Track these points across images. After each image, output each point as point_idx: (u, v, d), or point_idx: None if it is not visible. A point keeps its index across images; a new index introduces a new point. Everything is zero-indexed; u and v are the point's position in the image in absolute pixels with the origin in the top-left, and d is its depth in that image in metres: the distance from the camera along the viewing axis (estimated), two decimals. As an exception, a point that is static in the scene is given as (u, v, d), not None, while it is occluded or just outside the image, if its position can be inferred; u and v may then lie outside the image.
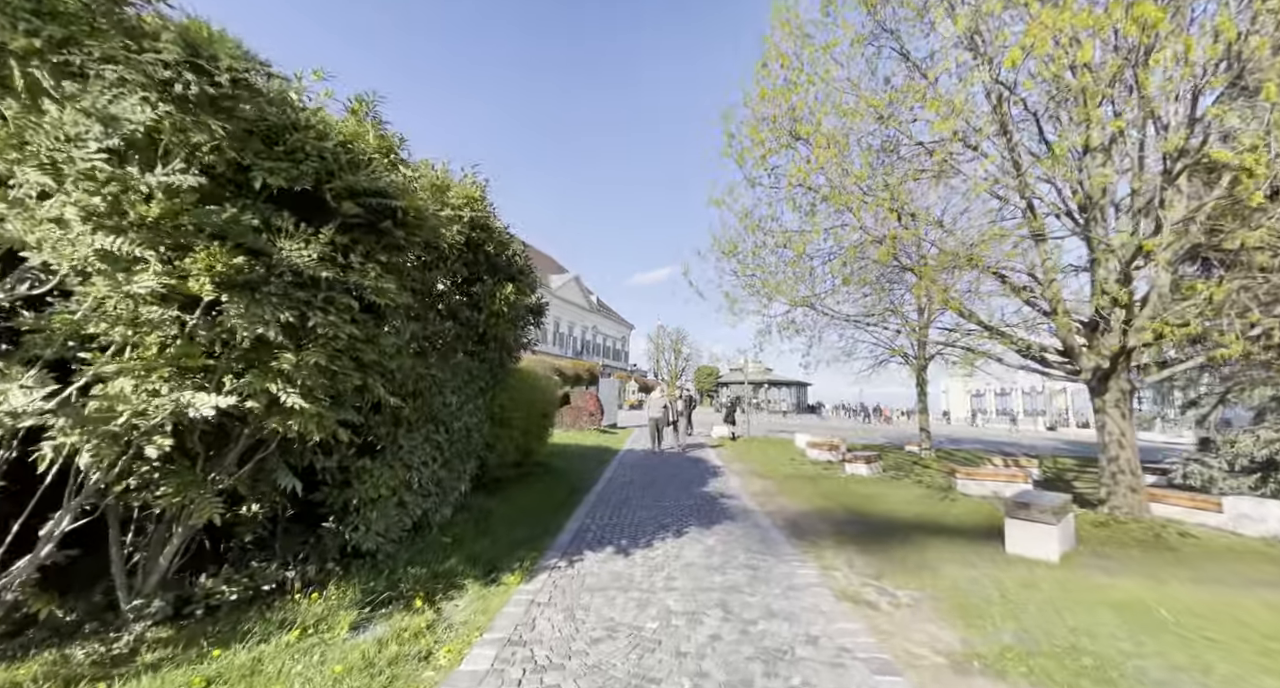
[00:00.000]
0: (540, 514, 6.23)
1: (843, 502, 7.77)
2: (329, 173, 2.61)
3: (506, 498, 6.83)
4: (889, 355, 14.71)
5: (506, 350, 5.16)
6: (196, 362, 2.44)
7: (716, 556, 4.99)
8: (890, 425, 35.01)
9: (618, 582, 4.24)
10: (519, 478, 8.12)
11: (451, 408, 4.40)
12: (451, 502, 5.09)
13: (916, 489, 9.09)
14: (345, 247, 2.78)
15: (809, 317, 9.01)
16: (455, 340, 4.53)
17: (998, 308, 8.83)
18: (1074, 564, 4.99)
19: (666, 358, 62.52)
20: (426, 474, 4.35)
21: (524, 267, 6.04)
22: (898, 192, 6.31)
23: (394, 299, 2.97)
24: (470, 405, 4.77)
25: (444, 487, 4.77)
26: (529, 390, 7.81)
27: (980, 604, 3.98)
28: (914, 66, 6.92)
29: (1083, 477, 11.55)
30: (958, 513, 7.16)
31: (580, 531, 5.68)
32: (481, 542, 4.87)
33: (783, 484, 9.29)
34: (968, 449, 17.13)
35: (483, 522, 5.54)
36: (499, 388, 5.46)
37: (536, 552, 4.85)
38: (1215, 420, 9.93)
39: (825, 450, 13.31)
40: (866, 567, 4.90)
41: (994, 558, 5.13)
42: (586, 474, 9.48)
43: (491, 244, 5.02)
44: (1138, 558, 5.29)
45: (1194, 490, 8.84)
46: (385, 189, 2.77)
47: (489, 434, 5.91)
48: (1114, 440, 6.60)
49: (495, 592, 3.97)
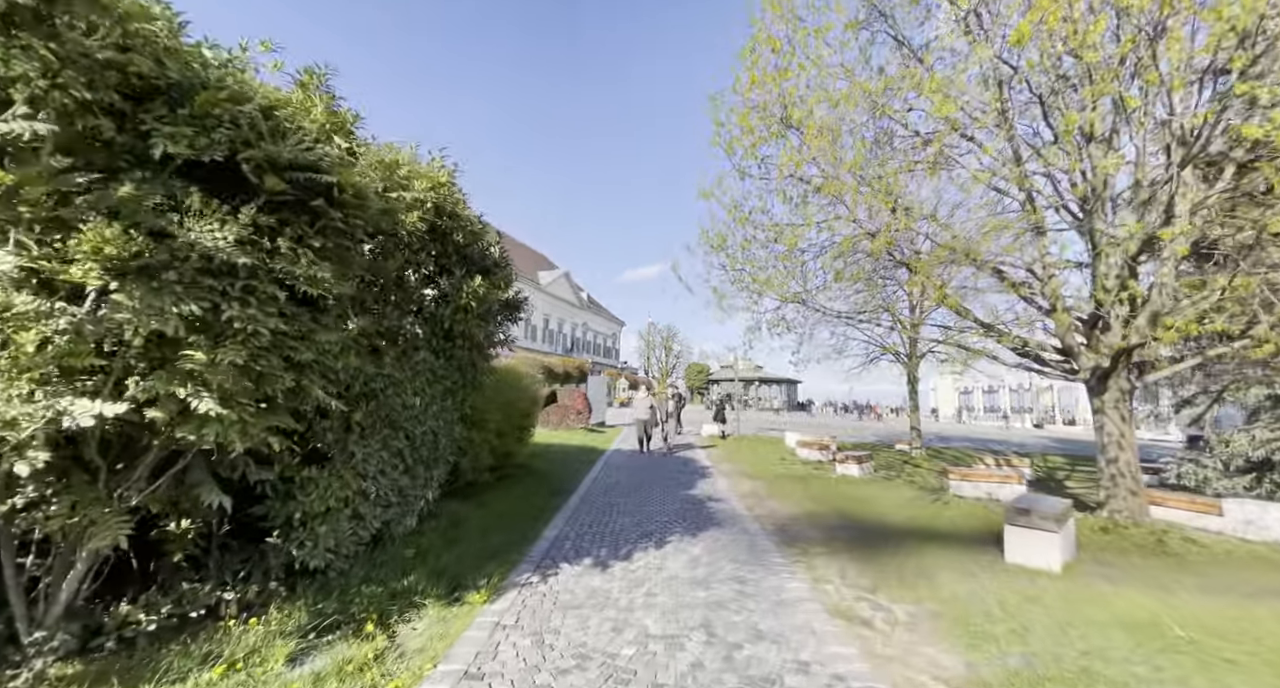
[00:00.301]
0: (517, 521, 5.88)
1: (834, 505, 7.51)
2: (244, 142, 2.24)
3: (482, 504, 6.47)
4: (881, 353, 14.53)
5: (478, 349, 4.79)
6: (82, 361, 2.07)
7: (701, 567, 4.68)
8: (881, 423, 35.00)
9: (594, 599, 3.91)
10: (498, 482, 7.76)
11: (414, 411, 4.04)
12: (417, 511, 4.73)
13: (909, 491, 8.87)
14: (271, 229, 2.41)
15: (800, 313, 8.73)
16: (418, 337, 4.17)
17: (993, 305, 8.61)
18: (1077, 574, 4.74)
19: (657, 355, 62.20)
20: (386, 483, 3.99)
21: (500, 259, 5.67)
22: (894, 184, 6.03)
23: (331, 290, 2.61)
24: (436, 407, 4.41)
25: (407, 496, 4.41)
26: (508, 390, 7.45)
27: (982, 622, 3.71)
28: (910, 53, 6.64)
29: (1074, 476, 11.42)
30: (952, 517, 6.92)
31: (558, 540, 5.34)
32: (449, 554, 4.52)
33: (772, 486, 9.01)
34: (957, 448, 17.01)
35: (453, 531, 5.19)
36: (471, 388, 5.10)
37: (508, 565, 4.51)
38: (1211, 420, 9.81)
39: (815, 450, 13.08)
40: (860, 578, 4.62)
41: (993, 567, 4.88)
42: (570, 477, 9.14)
43: (461, 233, 4.64)
44: (1141, 566, 5.06)
45: (1188, 491, 8.72)
46: (316, 163, 2.40)
47: (461, 437, 5.55)
48: (1113, 442, 6.39)
49: (458, 613, 3.63)
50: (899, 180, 6.46)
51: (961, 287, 7.10)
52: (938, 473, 10.69)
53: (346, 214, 2.61)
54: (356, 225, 2.69)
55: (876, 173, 5.89)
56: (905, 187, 7.05)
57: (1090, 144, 5.47)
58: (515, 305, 6.10)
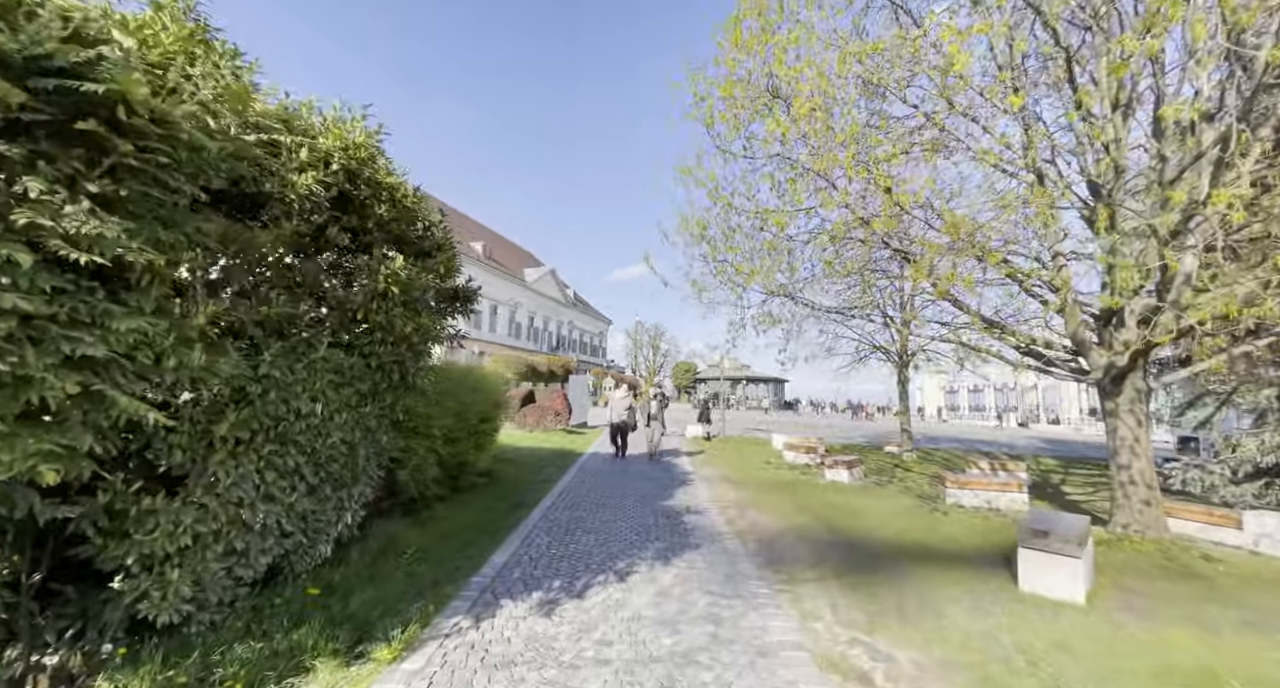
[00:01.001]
0: (462, 543, 5.12)
1: (824, 517, 6.86)
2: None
3: (428, 521, 5.69)
4: (870, 351, 13.98)
5: (408, 344, 4.03)
6: None
7: (671, 601, 3.97)
8: (872, 423, 34.69)
9: (533, 650, 3.18)
10: (454, 493, 6.98)
11: (313, 420, 3.27)
12: (333, 537, 3.95)
13: (903, 499, 8.26)
14: (17, 163, 1.65)
15: (786, 308, 8.06)
16: (318, 328, 3.40)
17: (993, 302, 8.03)
18: (1103, 606, 4.12)
19: (645, 354, 61.57)
20: (276, 509, 3.21)
21: (442, 241, 4.90)
22: (891, 163, 5.37)
23: (137, 257, 1.85)
24: (349, 415, 3.64)
25: (314, 522, 3.63)
26: (463, 392, 6.66)
27: (1006, 677, 3.05)
28: (910, 18, 5.98)
29: (1070, 480, 10.94)
30: (952, 531, 6.31)
31: (506, 567, 4.59)
32: (366, 592, 3.75)
33: (757, 495, 8.35)
34: (947, 449, 16.55)
35: (380, 560, 4.41)
36: (401, 391, 4.33)
37: (437, 603, 3.75)
38: (1220, 422, 9.34)
39: (803, 453, 12.46)
40: (854, 611, 3.95)
41: (1007, 597, 4.24)
42: (537, 486, 8.38)
43: (384, 205, 3.87)
44: (1171, 594, 4.46)
45: (1191, 497, 8.24)
46: (77, 67, 1.62)
47: (394, 447, 4.77)
48: (1126, 447, 5.81)
49: (356, 676, 2.88)
50: (898, 160, 5.82)
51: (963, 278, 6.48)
52: (932, 478, 10.13)
53: (147, 149, 1.84)
54: (169, 168, 1.92)
55: (870, 147, 5.22)
56: (901, 171, 6.42)
57: (1116, 112, 4.86)
58: (464, 296, 5.34)
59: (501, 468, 9.45)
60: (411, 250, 4.52)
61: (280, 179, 2.99)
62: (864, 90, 6.28)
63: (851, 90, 5.93)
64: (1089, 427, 30.39)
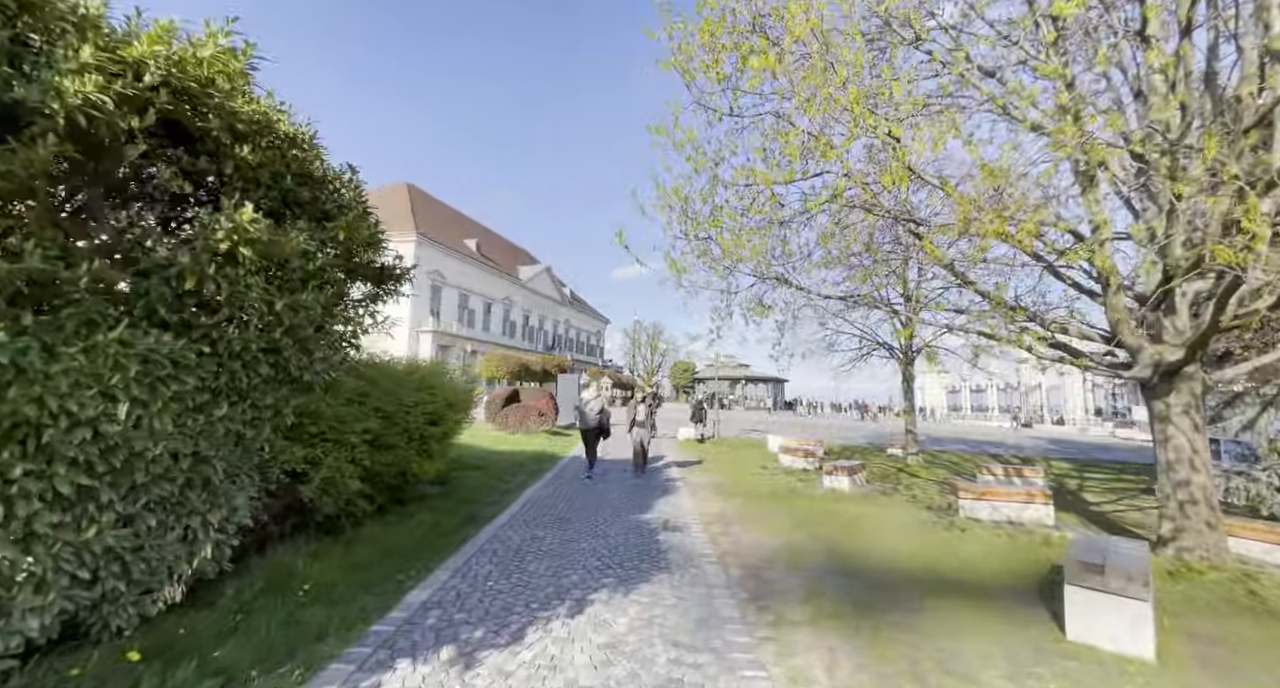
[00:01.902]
0: (381, 575, 4.20)
1: (822, 535, 5.94)
2: None
3: (350, 544, 4.78)
4: (874, 347, 13.07)
5: (283, 328, 3.11)
6: None
7: (623, 658, 3.07)
8: (874, 423, 33.78)
9: (412, 749, 2.27)
10: (398, 507, 6.08)
11: (112, 425, 2.36)
12: (180, 577, 3.03)
13: (912, 511, 7.35)
14: None
15: (780, 294, 7.14)
16: (123, 301, 2.49)
17: (1012, 287, 7.12)
18: (1177, 664, 3.21)
19: (643, 353, 60.68)
20: (56, 549, 2.30)
21: (350, 202, 4.00)
22: (901, 111, 4.47)
23: None
24: (187, 418, 2.74)
25: (136, 561, 2.72)
26: (404, 391, 5.75)
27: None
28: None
29: (1088, 486, 10.02)
30: (971, 553, 5.39)
31: (423, 608, 3.67)
32: (213, 651, 2.83)
33: (747, 506, 7.44)
34: (953, 451, 15.66)
35: (264, 599, 3.50)
36: (289, 389, 3.43)
37: (306, 668, 2.83)
38: (1267, 425, 8.42)
39: (800, 457, 11.56)
40: (858, 670, 3.05)
41: (1053, 651, 3.33)
42: (500, 497, 7.47)
43: (247, 146, 2.95)
44: (1253, 641, 3.55)
45: (1234, 510, 7.34)
46: None
47: (290, 458, 3.86)
48: (1183, 460, 4.88)
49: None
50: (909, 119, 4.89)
51: (984, 260, 5.58)
52: (941, 486, 9.23)
53: None
54: None
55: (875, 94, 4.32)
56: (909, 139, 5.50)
57: (1185, 39, 3.96)
58: (382, 276, 4.44)
59: (465, 476, 8.55)
60: (306, 212, 3.62)
61: (41, 84, 2.08)
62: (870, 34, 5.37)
63: (856, 19, 5.00)
64: (1094, 427, 29.49)
